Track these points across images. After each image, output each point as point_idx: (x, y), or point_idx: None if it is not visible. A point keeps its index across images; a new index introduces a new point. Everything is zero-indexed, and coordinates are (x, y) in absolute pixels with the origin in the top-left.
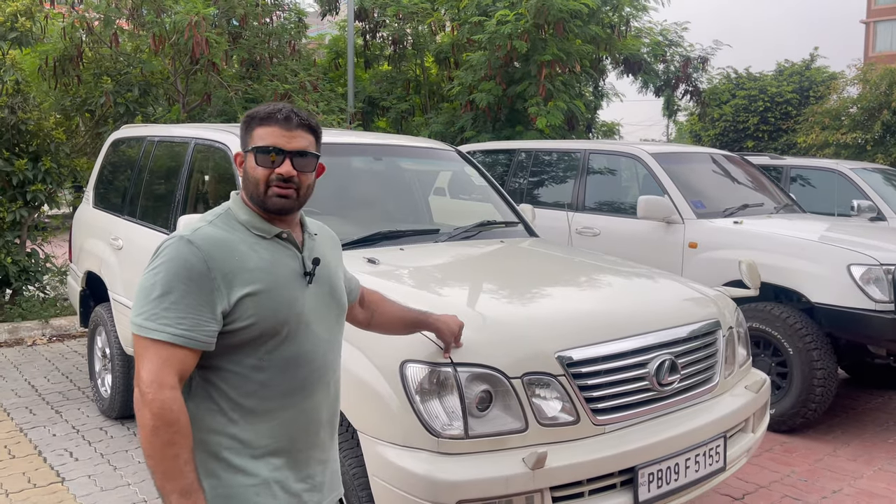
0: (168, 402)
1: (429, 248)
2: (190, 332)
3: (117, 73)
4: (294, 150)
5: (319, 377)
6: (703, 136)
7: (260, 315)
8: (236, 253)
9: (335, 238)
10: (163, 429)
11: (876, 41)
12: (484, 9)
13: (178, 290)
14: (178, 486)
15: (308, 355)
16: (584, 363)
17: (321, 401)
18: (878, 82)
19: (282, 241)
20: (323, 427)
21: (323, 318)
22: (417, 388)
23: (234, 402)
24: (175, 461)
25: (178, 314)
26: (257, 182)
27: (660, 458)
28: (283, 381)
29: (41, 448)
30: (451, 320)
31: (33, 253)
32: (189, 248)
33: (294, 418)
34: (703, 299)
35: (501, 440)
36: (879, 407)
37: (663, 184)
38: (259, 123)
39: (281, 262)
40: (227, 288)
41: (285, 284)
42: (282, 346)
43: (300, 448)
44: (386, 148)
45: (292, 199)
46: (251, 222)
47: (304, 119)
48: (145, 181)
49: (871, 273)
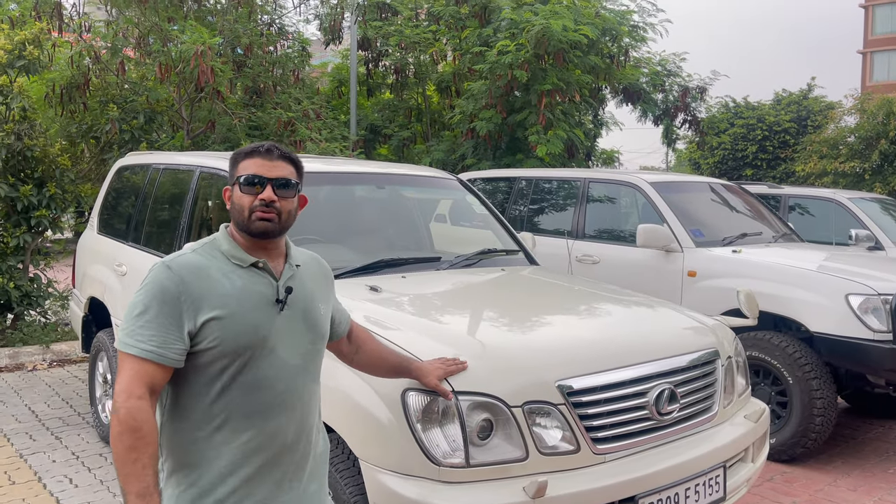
0: (133, 411)
1: (430, 275)
2: (158, 348)
3: (123, 101)
4: (275, 177)
5: (283, 401)
6: (702, 165)
7: (223, 338)
8: (209, 279)
9: (326, 271)
10: (126, 434)
11: (873, 71)
12: (485, 39)
13: (152, 310)
14: (136, 488)
15: (270, 380)
16: (584, 392)
17: (284, 425)
18: (876, 112)
19: (257, 270)
20: (287, 449)
21: (293, 345)
22: (419, 417)
23: (199, 419)
24: (135, 465)
25: (150, 332)
26: (242, 209)
27: (660, 488)
28: (245, 402)
29: (41, 474)
30: (434, 369)
31: (36, 278)
32: (166, 273)
33: (254, 439)
34: (701, 328)
35: (502, 469)
36: (879, 436)
37: (662, 213)
38: (244, 157)
39: (252, 290)
40: (194, 311)
41: (252, 310)
42: (244, 369)
43: (260, 470)
44: (389, 177)
45: (274, 223)
46: (230, 251)
47: (284, 152)
48: (150, 208)
49: (868, 303)
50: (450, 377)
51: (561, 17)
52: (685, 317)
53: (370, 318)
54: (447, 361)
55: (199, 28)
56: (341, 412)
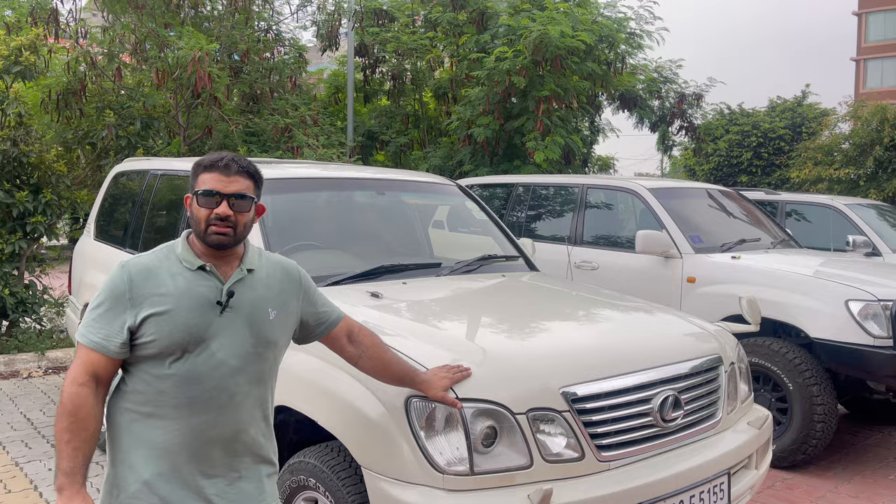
0: (73, 396)
1: (431, 281)
2: (103, 340)
3: (120, 107)
4: (231, 192)
5: (210, 398)
6: (697, 171)
7: (159, 334)
8: (155, 279)
9: (294, 277)
10: (64, 416)
11: (866, 78)
12: (483, 45)
13: (104, 305)
14: (64, 466)
15: (202, 377)
16: (588, 399)
17: (211, 420)
18: (870, 119)
19: (205, 273)
20: (211, 444)
21: (231, 346)
22: (422, 424)
23: (138, 405)
24: (67, 445)
25: (99, 325)
26: (199, 221)
27: (665, 495)
28: (176, 394)
29: (37, 483)
30: (439, 380)
31: (31, 285)
32: (120, 273)
33: (181, 430)
34: (704, 334)
35: (507, 477)
36: (879, 443)
37: (661, 219)
38: (203, 170)
39: (193, 291)
40: (137, 308)
41: (189, 310)
42: (178, 363)
43: (184, 458)
44: (389, 182)
45: (229, 237)
46: (182, 255)
47: (243, 166)
48: (148, 214)
49: (868, 308)
50: (454, 384)
51: (558, 24)
52: (688, 323)
53: (371, 324)
54: (451, 369)
55: (197, 34)
56: (343, 420)
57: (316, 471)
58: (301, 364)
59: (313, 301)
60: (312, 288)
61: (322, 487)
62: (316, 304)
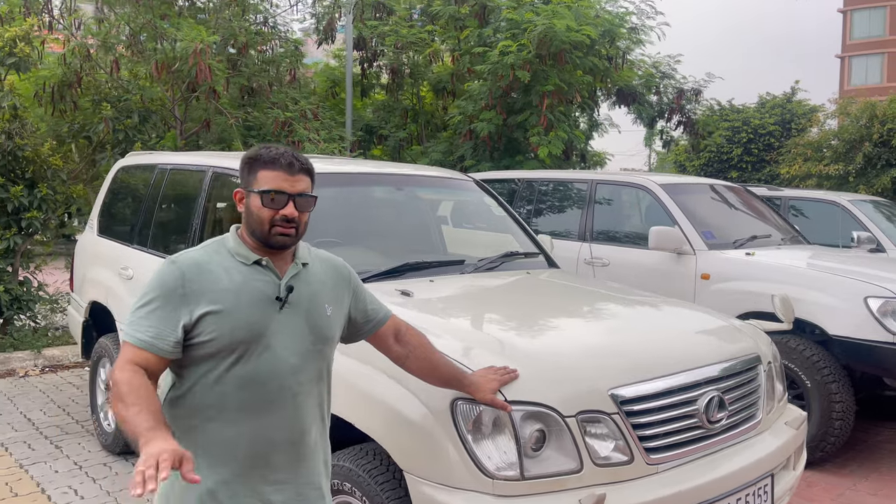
0: (124, 377)
1: (457, 279)
2: (153, 339)
3: (117, 100)
4: (297, 192)
5: (274, 399)
6: (687, 167)
7: (219, 332)
8: (210, 275)
9: (341, 270)
10: (121, 397)
11: (851, 75)
12: (484, 39)
13: (153, 303)
14: (145, 425)
15: (263, 376)
16: (636, 400)
17: (276, 422)
18: (859, 115)
19: (260, 268)
20: (277, 448)
21: (291, 344)
22: (469, 428)
23: (195, 409)
24: (138, 415)
25: (148, 323)
26: (262, 222)
27: (714, 498)
28: (239, 396)
29: (44, 485)
30: (487, 382)
31: (26, 281)
32: (170, 269)
33: (244, 434)
34: (742, 333)
35: (557, 482)
36: (890, 439)
37: (673, 215)
38: (263, 167)
39: (251, 287)
40: (192, 305)
41: (248, 307)
42: (238, 364)
43: (249, 464)
44: (407, 178)
45: (292, 237)
46: (235, 249)
47: (304, 164)
48: (158, 210)
49: (888, 305)
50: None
51: (563, 18)
52: (724, 321)
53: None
54: (498, 371)
55: (197, 26)
56: (384, 423)
57: (351, 475)
58: (335, 364)
59: (362, 298)
60: (360, 284)
61: (358, 492)
62: (365, 301)
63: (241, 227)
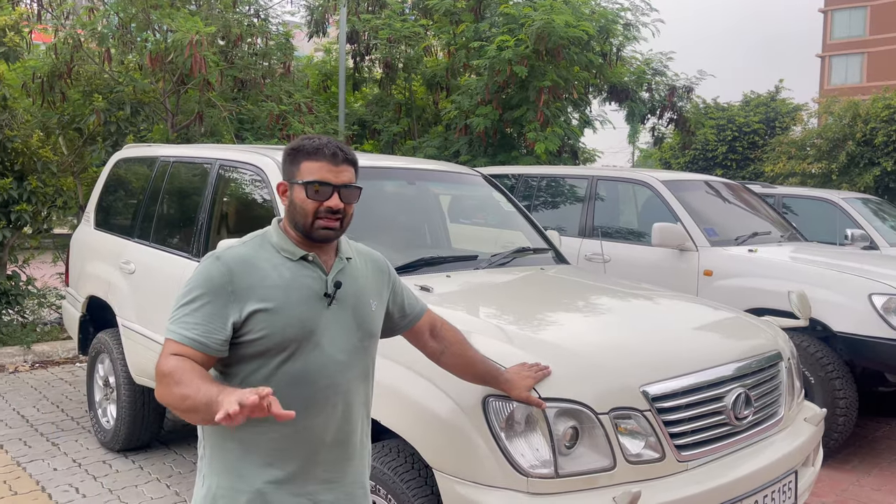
0: (166, 364)
1: (473, 274)
2: (200, 337)
3: (109, 91)
4: (341, 183)
5: (325, 397)
6: (672, 164)
7: (269, 330)
8: (258, 271)
9: (381, 264)
10: (168, 382)
11: (831, 74)
12: (481, 34)
13: (199, 300)
14: (213, 393)
15: (313, 374)
16: (666, 397)
17: (325, 421)
18: (843, 114)
19: (307, 263)
20: (326, 447)
21: (340, 341)
22: (502, 425)
23: None
24: (198, 391)
25: (194, 321)
26: (306, 214)
27: (743, 495)
28: (287, 395)
29: (44, 484)
30: (522, 379)
31: (14, 276)
32: (216, 265)
33: (294, 434)
34: (763, 330)
35: (590, 479)
36: (888, 435)
37: (676, 211)
38: (306, 157)
39: (299, 283)
40: (241, 302)
41: (299, 303)
42: (288, 362)
43: (299, 464)
44: (419, 172)
45: (336, 230)
46: (280, 244)
47: (348, 154)
48: (161, 203)
49: (892, 302)
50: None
51: (562, 13)
52: (745, 318)
53: None
54: (532, 368)
55: (192, 17)
56: (412, 420)
57: (376, 472)
58: None
59: (399, 292)
60: (398, 279)
61: (383, 490)
62: (402, 296)
63: (283, 220)
